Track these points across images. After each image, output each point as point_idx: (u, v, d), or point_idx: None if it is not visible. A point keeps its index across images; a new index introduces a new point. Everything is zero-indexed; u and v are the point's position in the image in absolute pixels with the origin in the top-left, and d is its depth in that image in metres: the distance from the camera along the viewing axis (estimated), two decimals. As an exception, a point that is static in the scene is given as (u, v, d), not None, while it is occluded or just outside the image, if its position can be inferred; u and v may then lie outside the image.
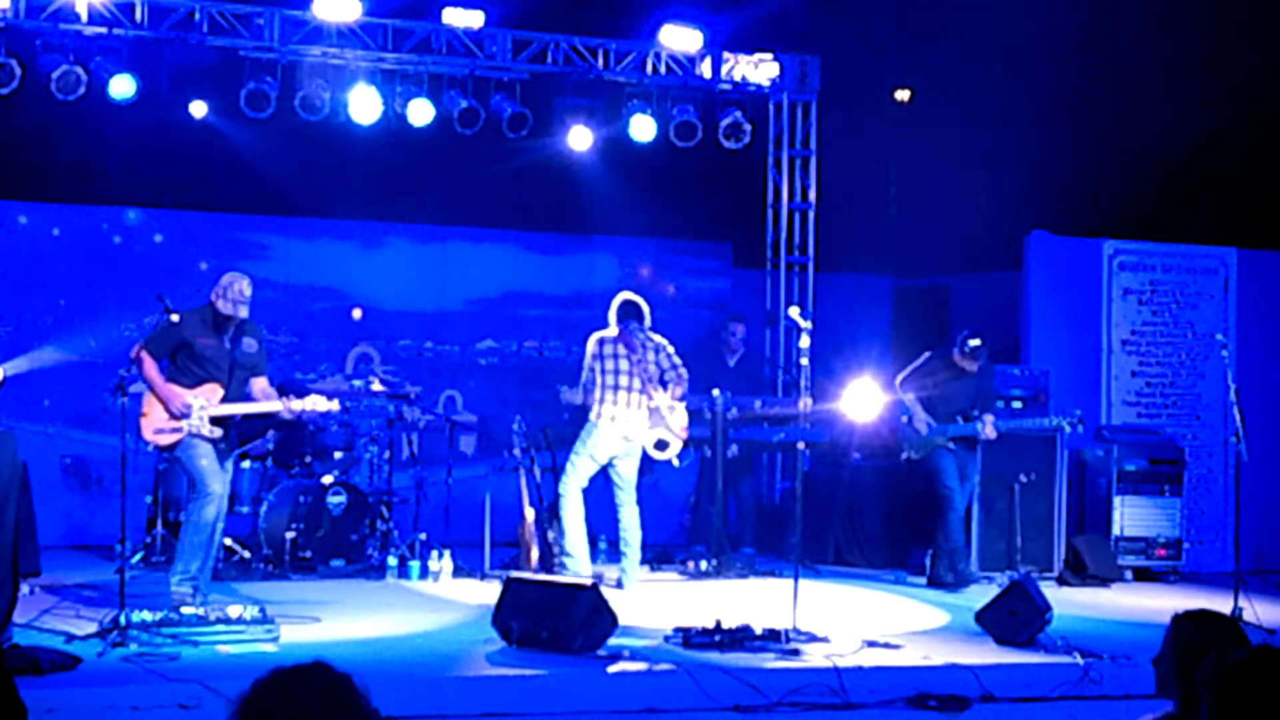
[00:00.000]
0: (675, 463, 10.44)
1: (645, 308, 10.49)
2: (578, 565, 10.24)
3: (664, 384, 10.35)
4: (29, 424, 11.21)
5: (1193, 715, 3.64)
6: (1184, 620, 3.92)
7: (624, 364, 10.27)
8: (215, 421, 9.00)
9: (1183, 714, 3.75)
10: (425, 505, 11.39)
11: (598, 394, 10.28)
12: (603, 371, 10.27)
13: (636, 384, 10.23)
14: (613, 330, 10.40)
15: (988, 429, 10.95)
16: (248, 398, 9.23)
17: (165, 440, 8.99)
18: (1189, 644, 3.82)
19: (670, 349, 10.50)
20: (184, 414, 8.88)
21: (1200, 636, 3.84)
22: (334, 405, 9.58)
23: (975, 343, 11.02)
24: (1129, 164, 14.21)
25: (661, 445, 10.39)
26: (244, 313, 9.12)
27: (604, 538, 11.54)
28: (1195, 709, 3.59)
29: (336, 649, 7.82)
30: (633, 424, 10.28)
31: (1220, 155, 14.13)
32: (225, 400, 9.06)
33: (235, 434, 9.36)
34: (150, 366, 8.90)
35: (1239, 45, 13.91)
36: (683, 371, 10.43)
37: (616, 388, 10.24)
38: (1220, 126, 14.02)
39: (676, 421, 10.36)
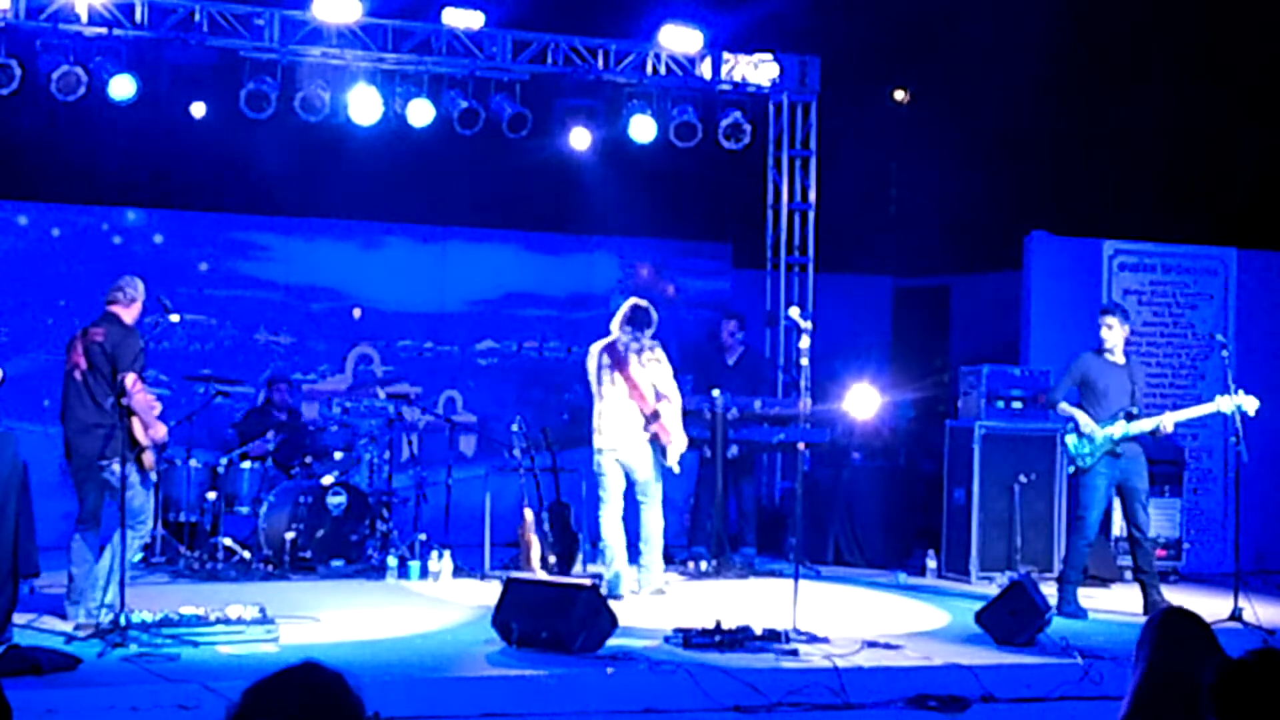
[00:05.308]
0: (676, 469, 10.35)
1: (653, 315, 10.23)
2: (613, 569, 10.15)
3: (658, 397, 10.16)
4: (29, 424, 11.20)
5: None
6: (1165, 618, 3.89)
7: (606, 375, 10.09)
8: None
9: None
10: (425, 506, 11.40)
11: (595, 412, 10.14)
12: (598, 383, 10.14)
13: (624, 393, 10.06)
14: (610, 337, 10.25)
15: (1165, 423, 9.91)
16: None
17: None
18: (1168, 640, 3.76)
19: (664, 364, 10.11)
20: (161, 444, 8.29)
21: (1179, 633, 3.79)
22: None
23: (1110, 319, 9.97)
24: (1129, 164, 14.21)
25: (664, 452, 10.28)
26: None
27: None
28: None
29: (336, 649, 7.84)
30: (623, 435, 10.09)
31: (1220, 155, 14.13)
32: None
33: None
34: (144, 394, 8.23)
35: (1240, 44, 13.91)
36: (671, 400, 10.06)
37: (603, 398, 10.12)
38: (1220, 126, 14.02)
39: (669, 426, 10.19)
